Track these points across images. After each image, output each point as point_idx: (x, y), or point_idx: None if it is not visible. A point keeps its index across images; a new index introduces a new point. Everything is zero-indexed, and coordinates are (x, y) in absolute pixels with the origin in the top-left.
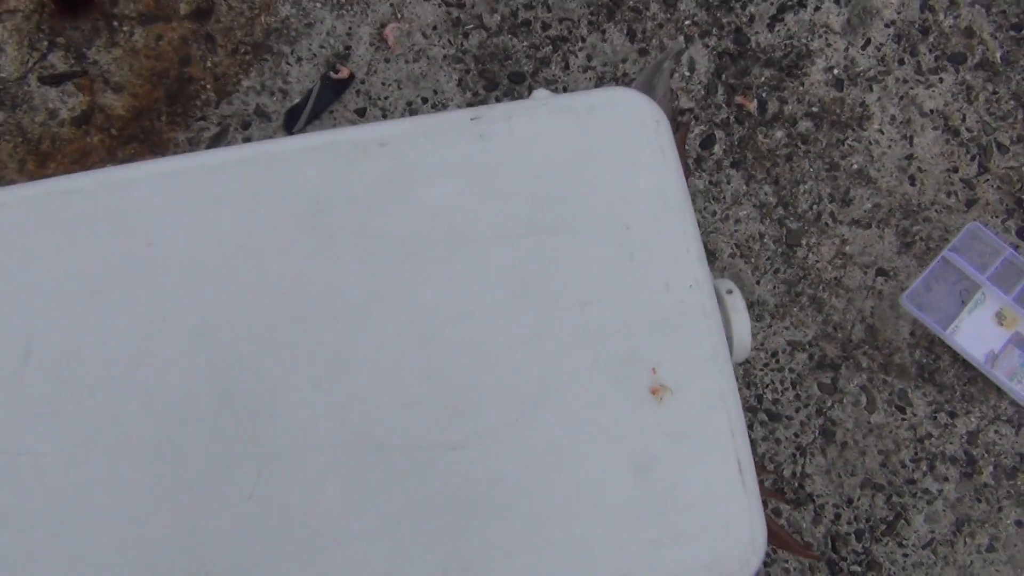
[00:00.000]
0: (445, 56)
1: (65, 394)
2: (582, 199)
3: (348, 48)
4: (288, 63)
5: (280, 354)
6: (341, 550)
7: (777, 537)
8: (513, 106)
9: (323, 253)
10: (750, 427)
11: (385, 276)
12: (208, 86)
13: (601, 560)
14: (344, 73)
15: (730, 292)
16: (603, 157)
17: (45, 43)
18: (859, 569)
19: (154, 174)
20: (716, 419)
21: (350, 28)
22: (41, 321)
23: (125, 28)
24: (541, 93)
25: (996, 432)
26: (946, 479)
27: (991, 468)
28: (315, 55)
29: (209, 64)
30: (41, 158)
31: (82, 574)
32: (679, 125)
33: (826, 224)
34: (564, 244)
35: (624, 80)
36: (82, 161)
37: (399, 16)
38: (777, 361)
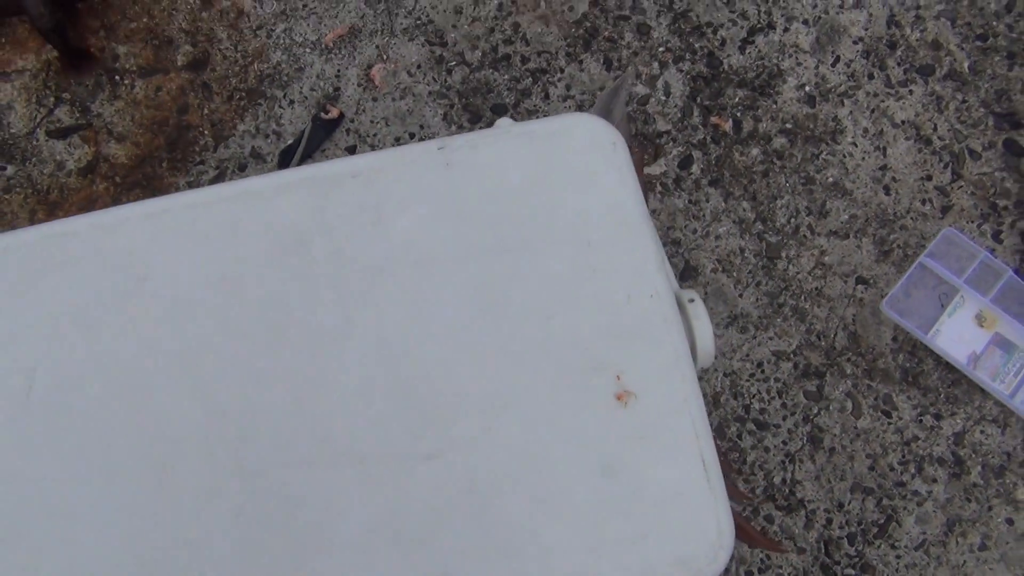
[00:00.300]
0: (430, 92)
1: (65, 423)
2: (544, 219)
3: (337, 89)
4: (281, 106)
5: (262, 377)
6: (326, 560)
7: (744, 532)
8: (477, 135)
9: (301, 280)
10: (739, 437)
11: (360, 300)
12: (206, 132)
13: (572, 560)
14: (334, 113)
15: (692, 301)
16: (564, 179)
17: (52, 99)
18: (853, 572)
19: (144, 214)
20: (680, 421)
21: (338, 70)
22: (43, 355)
23: (126, 81)
24: (504, 122)
25: (982, 432)
26: (935, 480)
27: (979, 468)
28: (306, 97)
29: (206, 111)
30: (50, 207)
31: None
32: (645, 143)
33: (804, 236)
34: (528, 262)
35: None
36: (89, 209)
37: (385, 57)
38: (763, 371)
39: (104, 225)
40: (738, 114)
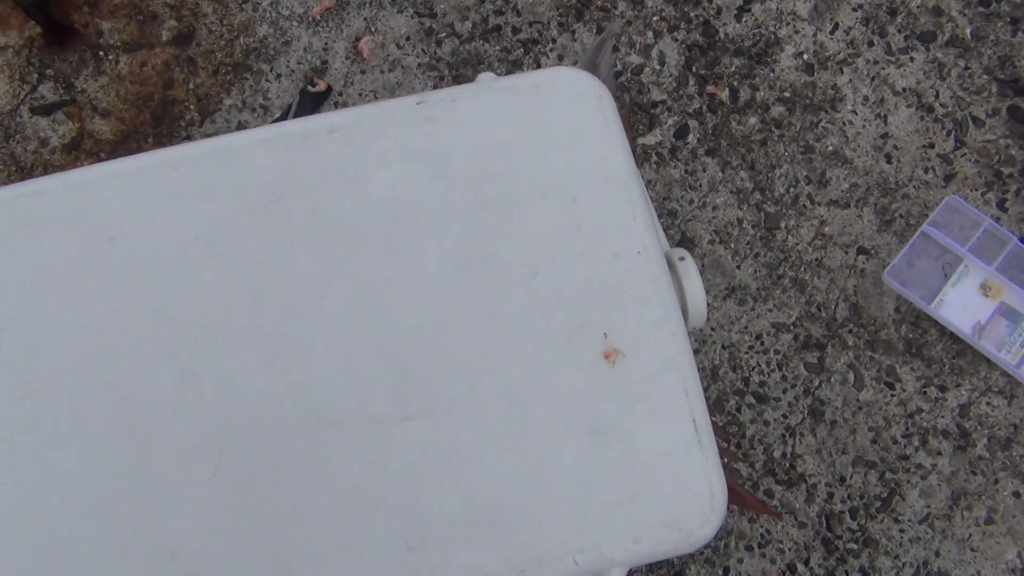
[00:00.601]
0: (419, 64)
1: (34, 386)
2: (528, 174)
3: (325, 63)
4: (268, 80)
5: (237, 338)
6: (302, 524)
7: (736, 495)
8: (457, 89)
9: (277, 238)
10: (738, 410)
11: (337, 258)
12: (191, 107)
13: (559, 523)
14: (321, 86)
15: (682, 259)
16: (547, 133)
17: (35, 76)
18: (855, 546)
19: (112, 173)
20: (670, 381)
21: (326, 43)
22: (11, 315)
23: (111, 57)
24: (486, 76)
25: (988, 404)
26: (939, 453)
27: (985, 440)
28: (293, 71)
29: (192, 86)
30: None
31: (50, 556)
32: (640, 113)
33: (804, 206)
34: (512, 219)
35: None
36: None
37: (373, 29)
38: (762, 343)
39: (74, 184)
40: (735, 83)
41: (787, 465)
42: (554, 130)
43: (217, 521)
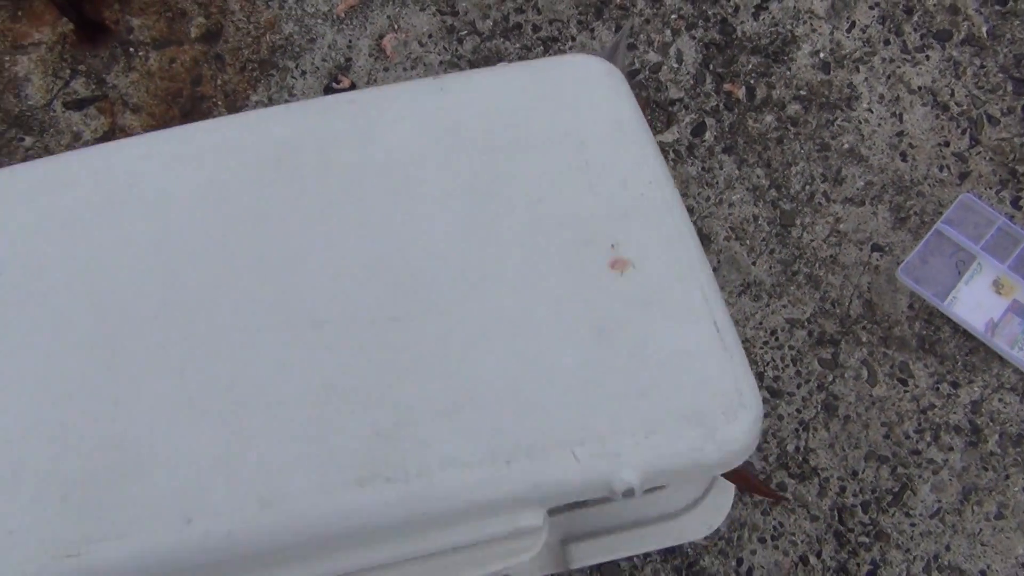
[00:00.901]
0: (441, 62)
1: (26, 294)
2: (537, 124)
3: (349, 60)
4: (293, 77)
5: (231, 256)
6: (268, 414)
7: (740, 477)
8: (475, 71)
9: (287, 181)
10: None
11: (345, 191)
12: (219, 102)
13: (555, 412)
14: (345, 83)
15: None
16: (558, 96)
17: (68, 71)
18: (867, 540)
19: (134, 143)
20: (686, 286)
21: (350, 41)
22: (18, 248)
23: (141, 53)
24: (503, 65)
25: (1000, 400)
26: (951, 449)
27: (997, 436)
28: (318, 68)
29: (219, 82)
30: None
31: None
32: (658, 111)
33: (819, 203)
34: (519, 159)
35: None
36: None
37: (396, 27)
38: (776, 339)
39: (95, 154)
40: (752, 81)
41: (800, 459)
42: (565, 93)
43: (176, 411)
